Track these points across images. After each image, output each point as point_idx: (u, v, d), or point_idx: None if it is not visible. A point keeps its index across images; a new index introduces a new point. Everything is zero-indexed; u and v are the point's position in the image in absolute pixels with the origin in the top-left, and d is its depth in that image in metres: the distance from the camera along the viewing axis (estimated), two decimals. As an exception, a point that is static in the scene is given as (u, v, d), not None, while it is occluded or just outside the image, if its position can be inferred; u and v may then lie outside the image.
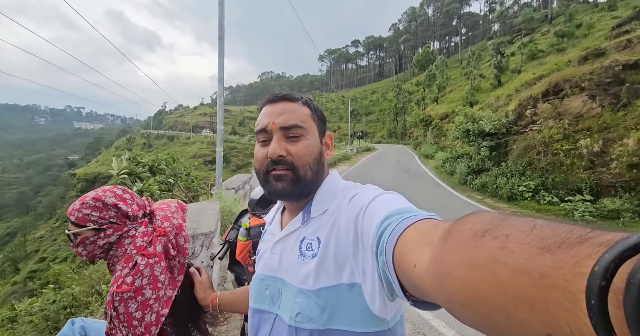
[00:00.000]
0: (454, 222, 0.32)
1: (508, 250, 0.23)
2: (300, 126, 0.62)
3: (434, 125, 24.95)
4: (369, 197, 0.52)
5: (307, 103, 0.66)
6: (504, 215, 0.28)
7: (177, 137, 68.69)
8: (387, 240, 0.41)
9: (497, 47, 28.98)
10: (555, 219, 0.24)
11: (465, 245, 0.27)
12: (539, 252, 0.21)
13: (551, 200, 7.62)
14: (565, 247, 0.20)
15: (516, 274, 0.21)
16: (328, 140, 0.69)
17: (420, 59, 47.90)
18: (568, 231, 0.21)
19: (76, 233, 0.79)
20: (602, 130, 7.33)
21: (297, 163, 0.61)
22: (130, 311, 0.72)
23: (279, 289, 0.62)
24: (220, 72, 5.37)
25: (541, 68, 15.34)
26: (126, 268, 0.75)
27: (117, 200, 0.82)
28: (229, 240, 1.95)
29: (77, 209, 0.79)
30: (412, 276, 0.35)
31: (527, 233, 0.23)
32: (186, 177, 7.64)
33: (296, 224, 0.64)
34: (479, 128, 10.88)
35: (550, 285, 0.19)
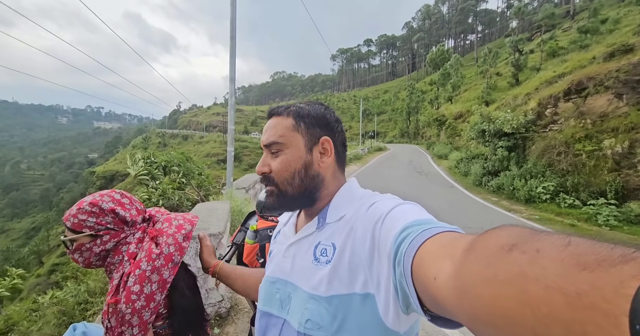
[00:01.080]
0: (479, 235, 0.30)
1: (539, 266, 0.21)
2: (277, 142, 0.62)
3: (448, 124, 24.42)
4: (388, 206, 0.51)
5: (292, 113, 0.64)
6: (533, 230, 0.26)
7: (191, 136, 70.21)
8: (405, 250, 0.39)
9: (515, 44, 28.00)
10: (592, 237, 0.22)
11: (491, 259, 0.26)
12: (575, 269, 0.19)
13: (572, 203, 7.28)
14: (606, 265, 0.18)
15: (548, 292, 0.20)
16: (326, 145, 0.64)
17: (435, 57, 46.93)
18: (609, 249, 0.19)
19: (72, 240, 0.77)
20: (629, 130, 6.93)
21: (277, 179, 0.62)
22: (127, 319, 0.69)
23: (289, 294, 0.60)
24: (232, 71, 5.40)
25: (562, 66, 14.71)
26: (119, 278, 0.73)
27: (115, 205, 0.80)
28: (236, 242, 1.93)
29: (73, 214, 0.77)
30: (431, 290, 0.33)
31: (560, 249, 0.21)
32: (199, 176, 7.78)
33: (311, 228, 0.63)
34: (495, 128, 10.53)
35: (589, 306, 0.17)
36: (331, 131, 0.65)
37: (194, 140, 65.20)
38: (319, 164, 0.63)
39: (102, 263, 0.80)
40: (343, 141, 0.67)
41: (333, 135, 0.65)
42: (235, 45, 5.43)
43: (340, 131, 0.67)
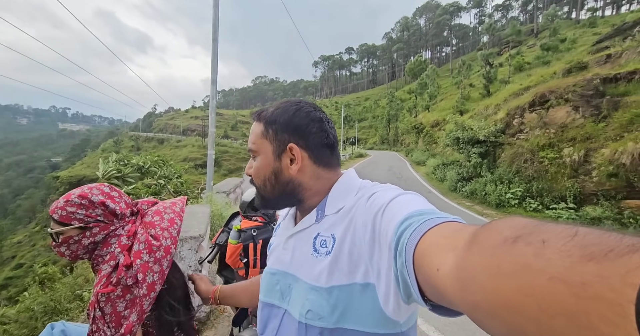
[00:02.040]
0: (482, 226, 0.30)
1: (544, 257, 0.21)
2: (251, 149, 0.65)
3: (426, 132, 25.38)
4: (389, 196, 0.51)
5: (262, 118, 0.64)
6: (539, 221, 0.26)
7: (168, 140, 67.62)
8: (407, 241, 0.39)
9: (486, 58, 29.86)
10: (600, 228, 0.22)
11: (495, 251, 0.25)
12: (581, 260, 0.19)
13: (537, 207, 7.81)
14: (613, 255, 0.18)
15: (553, 283, 0.20)
16: (294, 151, 0.61)
17: (413, 67, 48.91)
18: (617, 239, 0.19)
19: (59, 233, 0.76)
20: (585, 140, 7.60)
21: (254, 180, 0.66)
22: (119, 311, 0.70)
23: (290, 285, 0.61)
24: (214, 74, 5.35)
25: (528, 79, 15.88)
26: (110, 267, 0.73)
27: (105, 198, 0.80)
28: (219, 243, 1.92)
29: (61, 207, 0.76)
30: (434, 281, 0.33)
31: (567, 240, 0.21)
32: (176, 180, 7.53)
33: (310, 221, 0.63)
34: (469, 135, 11.12)
35: (594, 296, 0.17)
36: (302, 135, 0.61)
37: (171, 144, 62.84)
38: (289, 171, 0.61)
39: (89, 255, 0.79)
40: (323, 140, 0.63)
41: (305, 138, 0.61)
42: (218, 47, 5.41)
43: (316, 132, 0.62)
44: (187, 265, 2.51)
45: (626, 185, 6.33)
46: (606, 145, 6.92)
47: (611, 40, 14.72)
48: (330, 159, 0.65)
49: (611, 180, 6.54)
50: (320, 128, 0.63)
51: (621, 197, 6.47)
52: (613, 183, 6.53)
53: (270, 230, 1.82)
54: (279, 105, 0.65)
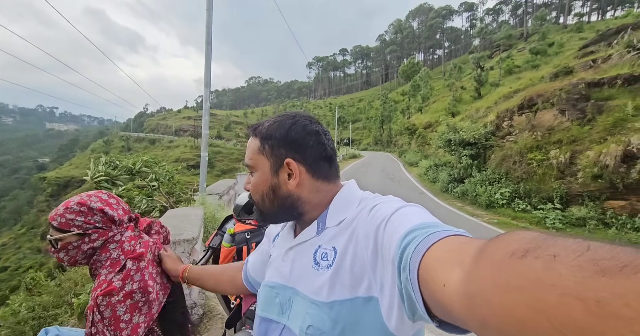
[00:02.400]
0: (489, 240, 0.30)
1: (555, 272, 0.20)
2: (248, 164, 0.64)
3: (418, 133, 25.67)
4: (392, 209, 0.50)
5: (259, 134, 0.63)
6: (548, 235, 0.25)
7: (159, 141, 66.76)
8: (411, 255, 0.38)
9: (477, 61, 30.48)
10: (612, 241, 0.21)
11: (503, 265, 0.25)
12: (593, 275, 0.18)
13: (525, 207, 8.01)
14: (629, 271, 0.17)
15: (565, 299, 0.19)
16: (292, 167, 0.60)
17: (406, 69, 49.45)
18: (631, 254, 0.18)
19: (58, 239, 0.79)
20: (571, 142, 7.83)
21: (252, 196, 0.65)
22: (118, 315, 0.72)
23: (290, 298, 0.59)
24: (207, 76, 5.35)
25: (517, 82, 16.25)
26: (112, 272, 0.76)
27: (103, 205, 0.82)
28: (212, 246, 1.94)
29: (60, 214, 0.78)
30: (440, 297, 0.32)
31: (578, 255, 0.20)
32: (169, 182, 7.46)
33: (310, 233, 0.62)
34: (460, 137, 11.32)
35: (610, 314, 0.16)
36: (299, 149, 0.61)
37: (162, 144, 62.08)
38: (288, 186, 0.61)
39: (87, 261, 0.81)
40: (320, 153, 0.62)
41: (303, 152, 0.61)
42: (211, 50, 5.41)
43: (313, 145, 0.61)
44: (180, 267, 2.53)
45: (609, 186, 6.55)
46: (591, 148, 7.15)
47: (596, 46, 15.18)
48: (329, 172, 0.64)
49: (595, 182, 6.76)
50: (318, 141, 0.62)
51: (605, 197, 6.69)
52: (597, 184, 6.75)
53: (263, 233, 1.85)
54: (275, 119, 0.64)
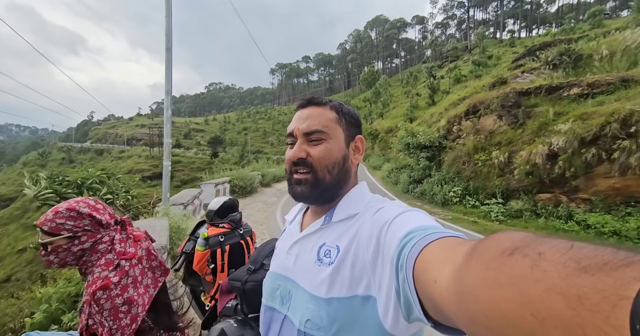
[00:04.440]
0: (482, 239, 0.30)
1: (540, 269, 0.21)
2: (321, 131, 0.63)
3: (380, 138, 26.87)
4: (395, 212, 0.52)
5: (334, 107, 0.67)
6: (536, 235, 0.26)
7: (108, 151, 61.16)
8: (407, 254, 0.39)
9: (429, 70, 33.04)
10: (595, 242, 0.22)
11: (492, 263, 0.25)
12: (576, 272, 0.19)
13: (474, 203, 8.90)
14: (608, 268, 0.18)
15: (549, 294, 0.19)
16: (359, 143, 0.68)
17: (367, 77, 51.75)
18: (612, 252, 0.19)
19: (48, 242, 0.84)
20: (508, 144, 8.94)
21: (316, 165, 0.62)
22: (117, 305, 0.80)
23: (290, 291, 0.62)
24: (168, 83, 5.22)
25: (464, 90, 18.00)
26: (106, 270, 0.84)
27: (91, 210, 0.89)
28: (185, 251, 1.99)
29: (50, 219, 0.84)
30: (431, 293, 0.33)
31: (563, 253, 0.21)
32: (124, 195, 7.00)
33: (316, 226, 0.64)
34: (417, 141, 12.22)
35: (590, 308, 0.17)
36: (361, 132, 0.70)
37: (112, 155, 56.97)
38: (352, 160, 0.66)
39: (76, 262, 0.87)
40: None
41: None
42: (172, 57, 5.31)
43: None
44: (148, 279, 2.49)
45: (539, 181, 7.60)
46: (523, 148, 8.23)
47: (524, 59, 17.49)
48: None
49: (528, 178, 7.79)
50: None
51: (535, 191, 7.73)
52: (529, 180, 7.78)
53: (237, 236, 1.95)
54: (339, 102, 0.69)
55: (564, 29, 31.77)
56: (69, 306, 2.06)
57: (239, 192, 11.66)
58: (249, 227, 2.10)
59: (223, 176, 11.87)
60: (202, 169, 34.64)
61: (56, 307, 2.01)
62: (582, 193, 6.75)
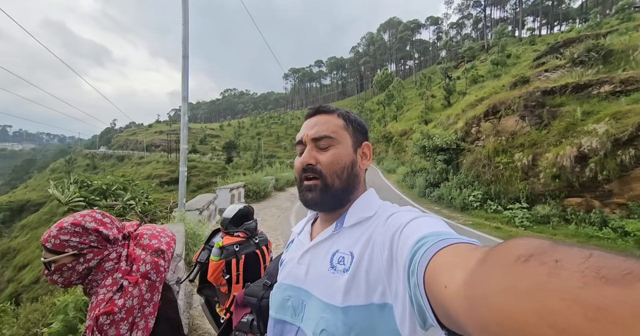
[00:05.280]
0: (495, 245, 0.30)
1: (558, 277, 0.20)
2: (329, 137, 0.64)
3: (395, 141, 26.50)
4: (408, 218, 0.52)
5: (342, 114, 0.69)
6: (553, 242, 0.25)
7: (129, 157, 63.61)
8: (419, 259, 0.39)
9: (445, 71, 32.40)
10: (614, 250, 0.22)
11: (506, 269, 0.25)
12: (596, 282, 0.18)
13: (496, 208, 8.50)
14: (631, 279, 0.17)
15: (567, 304, 0.19)
16: (366, 149, 0.70)
17: (380, 79, 51.35)
18: (633, 263, 0.19)
19: (52, 261, 0.78)
20: (531, 146, 8.51)
21: (325, 171, 0.63)
22: (122, 333, 0.74)
23: (303, 301, 0.60)
24: (185, 90, 5.31)
25: (482, 91, 17.44)
26: (110, 292, 0.78)
27: (98, 225, 0.83)
28: (200, 261, 1.94)
29: (54, 235, 0.78)
30: (442, 299, 0.32)
31: (581, 261, 0.20)
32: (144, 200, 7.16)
33: (328, 233, 0.64)
34: (433, 144, 11.89)
35: (611, 320, 0.16)
36: (368, 139, 0.71)
37: (132, 161, 59.16)
38: (360, 166, 0.67)
39: (82, 281, 0.81)
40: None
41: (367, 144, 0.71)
42: (188, 64, 5.40)
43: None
44: (163, 287, 2.47)
45: (567, 185, 7.16)
46: (549, 150, 7.81)
47: (547, 57, 16.76)
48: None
49: (555, 181, 7.36)
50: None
51: (564, 195, 7.29)
52: (557, 183, 7.35)
53: (252, 245, 1.88)
54: (347, 110, 0.72)
55: (590, 25, 30.31)
56: (86, 315, 2.04)
57: (252, 196, 11.72)
58: (265, 236, 2.03)
59: (237, 181, 11.98)
60: (217, 174, 35.22)
61: (73, 315, 2.00)
62: (617, 197, 6.28)
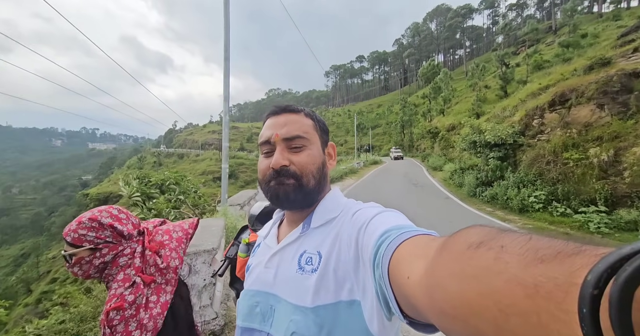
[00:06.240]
0: (451, 235, 0.31)
1: (502, 261, 0.22)
2: (302, 137, 0.62)
3: (441, 136, 24.86)
4: (372, 213, 0.52)
5: (309, 114, 0.66)
6: (500, 229, 0.27)
7: (187, 155, 70.32)
8: (383, 252, 0.40)
9: (501, 58, 29.19)
10: (550, 234, 0.23)
11: (459, 256, 0.27)
12: (533, 262, 0.20)
13: (564, 211, 7.37)
14: (561, 257, 0.19)
15: (509, 285, 0.21)
16: (331, 150, 0.69)
17: (426, 72, 48.52)
18: (564, 243, 0.21)
19: (71, 254, 0.82)
20: (613, 139, 7.17)
21: (300, 172, 0.60)
22: (130, 330, 0.74)
23: (272, 306, 0.59)
24: (226, 91, 5.58)
25: (547, 78, 15.29)
26: (122, 287, 0.78)
27: (113, 221, 0.85)
28: (229, 256, 1.97)
29: (73, 230, 0.81)
30: (405, 289, 0.34)
31: (522, 244, 0.22)
32: (194, 194, 7.79)
33: (295, 235, 0.62)
34: (485, 139, 10.80)
35: (544, 296, 0.18)
36: (328, 139, 0.70)
37: (190, 158, 65.26)
38: (327, 166, 0.67)
39: (99, 275, 0.84)
40: None
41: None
42: (229, 66, 5.66)
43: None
44: (201, 278, 2.58)
45: (663, 185, 5.88)
46: (637, 144, 6.49)
47: (638, 33, 13.97)
48: None
49: (645, 181, 6.10)
50: None
51: (658, 198, 6.00)
52: (647, 183, 6.09)
53: None
54: (312, 110, 0.70)
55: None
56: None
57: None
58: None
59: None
60: (262, 170, 37.09)
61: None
62: None
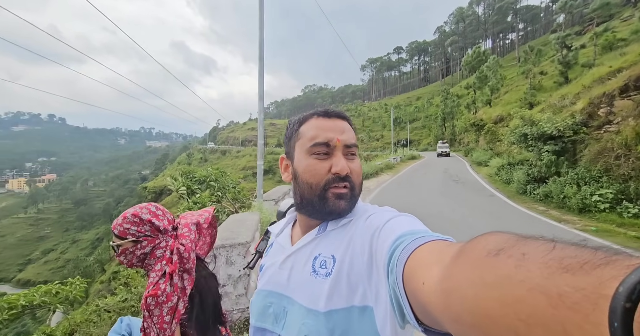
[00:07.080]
0: (468, 242, 0.31)
1: (524, 269, 0.22)
2: (357, 145, 0.64)
3: (487, 129, 22.95)
4: (385, 218, 0.52)
5: (350, 122, 0.67)
6: (521, 236, 0.26)
7: (229, 151, 74.82)
8: (397, 258, 0.40)
9: (562, 40, 25.84)
10: (576, 242, 0.22)
11: (478, 263, 0.26)
12: (558, 271, 0.20)
13: (637, 212, 6.39)
14: (588, 267, 0.18)
15: (531, 293, 0.20)
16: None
17: (471, 60, 44.91)
18: (592, 252, 0.20)
19: (118, 245, 0.95)
20: None
21: (354, 181, 0.61)
22: (164, 314, 0.84)
23: (285, 308, 0.59)
24: (261, 89, 5.79)
25: (620, 60, 13.18)
26: (157, 276, 0.89)
27: (151, 217, 0.96)
28: (259, 250, 2.09)
29: (119, 224, 0.94)
30: (420, 295, 0.33)
31: (545, 253, 0.22)
32: (233, 189, 8.30)
33: (310, 236, 0.62)
34: (539, 131, 9.73)
35: (570, 306, 0.17)
36: None
37: (231, 154, 69.25)
38: None
39: (141, 264, 0.96)
40: None
41: None
42: (264, 65, 5.86)
43: None
44: (237, 269, 2.77)
45: None
46: None
47: None
48: None
49: None
50: None
51: None
52: None
53: None
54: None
55: None
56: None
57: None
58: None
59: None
60: (298, 166, 37.88)
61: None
62: None
